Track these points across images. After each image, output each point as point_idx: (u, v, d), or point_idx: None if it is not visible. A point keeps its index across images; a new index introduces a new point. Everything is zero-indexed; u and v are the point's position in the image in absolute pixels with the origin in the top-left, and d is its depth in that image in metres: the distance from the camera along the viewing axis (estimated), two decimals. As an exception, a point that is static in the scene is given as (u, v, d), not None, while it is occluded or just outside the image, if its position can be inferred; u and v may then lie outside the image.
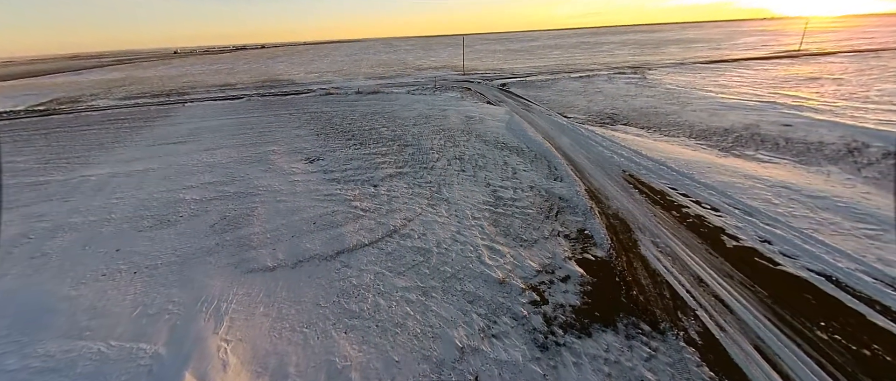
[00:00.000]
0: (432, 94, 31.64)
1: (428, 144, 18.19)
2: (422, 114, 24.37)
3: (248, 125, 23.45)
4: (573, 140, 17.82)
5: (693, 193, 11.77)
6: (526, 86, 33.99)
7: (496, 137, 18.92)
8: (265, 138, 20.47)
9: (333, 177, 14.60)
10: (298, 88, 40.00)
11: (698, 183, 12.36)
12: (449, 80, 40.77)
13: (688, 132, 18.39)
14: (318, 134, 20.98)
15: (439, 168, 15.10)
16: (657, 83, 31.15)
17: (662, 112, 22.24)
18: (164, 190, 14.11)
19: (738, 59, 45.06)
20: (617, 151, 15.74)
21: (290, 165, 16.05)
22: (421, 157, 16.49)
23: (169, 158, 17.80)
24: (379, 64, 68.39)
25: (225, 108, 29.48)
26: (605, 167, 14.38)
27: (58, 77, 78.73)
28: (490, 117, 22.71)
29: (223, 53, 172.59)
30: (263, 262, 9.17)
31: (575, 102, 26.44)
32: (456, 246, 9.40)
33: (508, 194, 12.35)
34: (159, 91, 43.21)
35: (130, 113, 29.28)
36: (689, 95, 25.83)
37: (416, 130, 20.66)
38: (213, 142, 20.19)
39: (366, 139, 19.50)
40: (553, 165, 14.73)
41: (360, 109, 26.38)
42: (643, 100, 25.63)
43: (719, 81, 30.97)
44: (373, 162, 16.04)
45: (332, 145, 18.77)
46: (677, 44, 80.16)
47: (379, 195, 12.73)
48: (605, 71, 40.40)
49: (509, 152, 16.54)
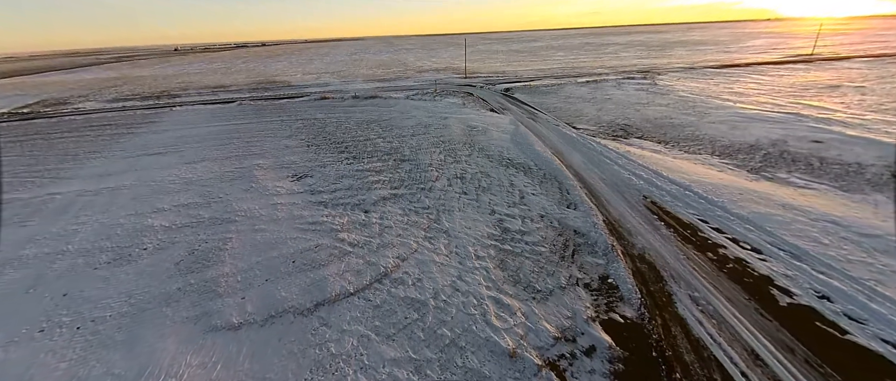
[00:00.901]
0: (432, 99, 30.18)
1: (427, 158, 16.74)
2: (421, 123, 22.91)
3: (236, 134, 22.01)
4: (585, 157, 16.36)
5: (727, 227, 10.32)
6: (531, 91, 32.49)
7: (501, 151, 17.46)
8: (252, 150, 19.04)
9: (321, 199, 13.17)
10: (294, 90, 38.54)
11: (731, 215, 10.92)
12: (450, 83, 39.28)
13: (710, 148, 16.92)
14: (308, 145, 19.53)
15: (438, 189, 13.66)
16: (669, 90, 29.64)
17: (679, 124, 20.76)
18: (133, 214, 12.69)
19: (751, 64, 43.49)
20: (634, 172, 14.29)
21: (274, 184, 14.62)
22: (419, 174, 15.05)
23: (145, 173, 16.38)
24: (378, 65, 66.89)
25: (214, 113, 28.04)
26: (623, 191, 12.92)
27: (52, 76, 77.36)
28: (494, 128, 21.25)
29: (223, 51, 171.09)
30: (228, 317, 7.75)
31: (583, 111, 24.96)
32: (457, 298, 7.97)
33: (516, 225, 10.91)
34: (150, 93, 41.78)
35: (115, 118, 27.86)
36: (706, 105, 24.33)
37: (414, 142, 19.21)
38: (195, 153, 18.75)
39: (360, 152, 18.06)
40: (565, 188, 13.28)
41: (355, 117, 24.93)
42: (656, 109, 24.15)
43: (735, 89, 29.45)
44: (365, 181, 14.59)
45: (323, 159, 17.33)
46: (684, 46, 78.50)
47: (370, 224, 11.29)
48: (612, 75, 38.88)
49: (515, 171, 15.09)
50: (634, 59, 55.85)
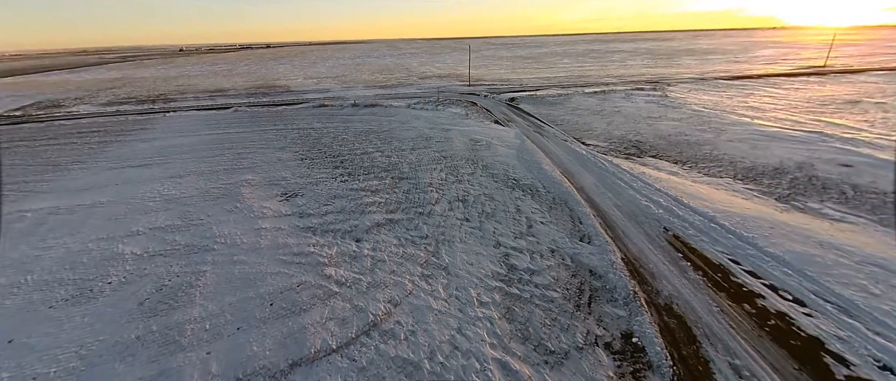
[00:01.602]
0: (434, 109, 29.14)
1: (426, 177, 15.65)
2: (422, 135, 21.85)
3: (228, 144, 21.00)
4: (597, 178, 15.22)
5: (763, 270, 9.15)
6: (536, 102, 31.42)
7: (506, 169, 16.35)
8: (242, 163, 18.00)
9: (309, 224, 12.07)
10: (293, 96, 37.63)
11: (765, 254, 9.75)
12: (453, 91, 38.28)
13: (731, 171, 15.75)
14: (302, 158, 18.49)
15: (438, 214, 12.55)
16: (681, 103, 28.51)
17: (695, 141, 19.60)
18: (104, 237, 11.63)
19: (763, 76, 42.32)
20: (652, 197, 13.13)
21: (261, 204, 13.54)
22: (417, 196, 13.95)
23: (126, 189, 15.34)
24: (381, 69, 66.10)
25: (208, 120, 27.09)
26: (641, 221, 11.77)
27: (54, 75, 77.04)
28: (498, 142, 20.15)
29: (228, 53, 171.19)
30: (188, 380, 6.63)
31: (592, 125, 23.84)
32: (456, 359, 6.83)
33: (524, 262, 9.77)
34: (147, 96, 40.98)
35: (105, 124, 26.95)
36: (721, 120, 23.17)
37: (413, 157, 18.13)
38: (181, 166, 17.73)
39: (355, 168, 16.99)
40: (577, 216, 12.14)
41: (354, 127, 23.91)
42: (669, 124, 23.00)
43: (750, 103, 28.28)
44: (360, 202, 13.50)
45: (316, 175, 16.26)
46: (691, 55, 77.39)
47: (361, 257, 10.18)
48: (620, 86, 37.78)
49: (522, 193, 13.97)
50: (642, 69, 54.74)
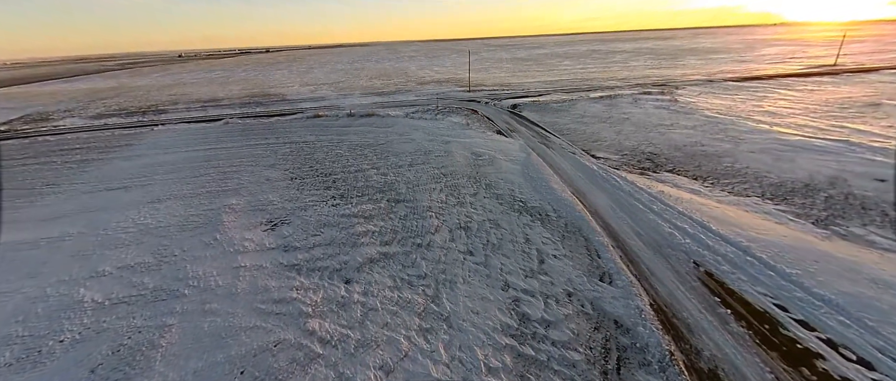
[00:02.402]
0: (434, 117, 27.90)
1: (425, 199, 14.39)
2: (420, 148, 20.61)
3: (215, 161, 19.79)
4: (612, 198, 13.93)
5: (816, 320, 7.86)
6: (540, 109, 30.14)
7: (511, 189, 15.08)
8: (227, 184, 16.78)
9: (294, 260, 10.83)
10: (287, 105, 36.45)
11: (815, 297, 8.45)
12: (453, 98, 37.05)
13: (758, 188, 14.44)
14: (292, 178, 17.26)
15: (438, 246, 11.30)
16: (692, 108, 27.19)
17: (713, 153, 18.30)
18: (66, 279, 10.40)
19: (773, 76, 40.96)
20: (675, 222, 11.84)
21: (243, 235, 12.30)
22: (415, 223, 12.69)
23: (99, 217, 14.12)
24: (379, 74, 64.94)
25: (197, 134, 25.91)
26: (666, 254, 10.48)
27: (49, 85, 76.24)
28: (502, 156, 18.89)
29: (226, 58, 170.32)
30: None
31: (601, 134, 22.55)
32: (460, 455, 5.55)
33: (538, 310, 8.49)
34: (138, 107, 39.87)
35: (90, 140, 25.79)
36: (738, 128, 21.85)
37: (411, 175, 16.88)
38: (162, 189, 16.52)
39: (349, 188, 15.75)
40: (593, 248, 10.86)
41: (349, 140, 22.68)
42: (683, 132, 21.70)
43: (765, 107, 26.95)
44: (352, 232, 12.25)
45: (306, 198, 15.03)
46: (695, 54, 76.02)
47: (350, 305, 8.92)
48: (627, 90, 36.47)
49: (531, 219, 12.69)
50: (646, 70, 53.42)
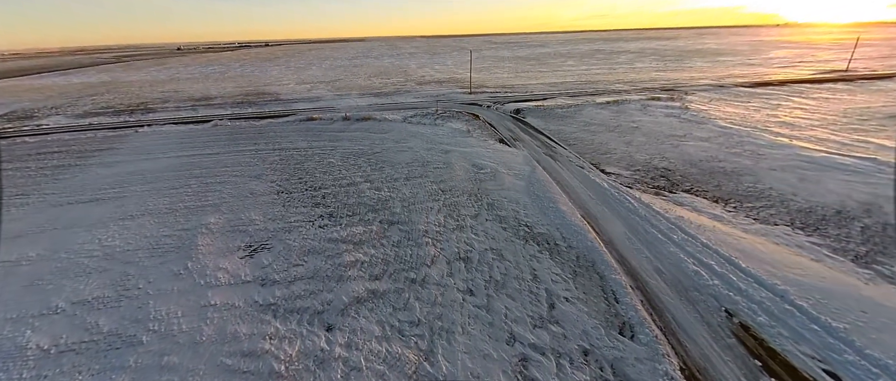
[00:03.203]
0: (433, 123, 26.57)
1: (421, 220, 13.12)
2: (418, 158, 19.31)
3: (198, 170, 18.48)
4: (627, 225, 12.68)
5: (881, 397, 6.62)
6: (544, 114, 28.79)
7: (516, 209, 13.81)
8: (208, 197, 15.48)
9: (271, 299, 9.57)
10: (281, 106, 35.04)
11: (870, 361, 7.27)
12: (453, 100, 35.66)
13: (785, 214, 13.20)
14: (279, 191, 15.97)
15: (435, 282, 10.05)
16: (704, 117, 25.87)
17: (732, 170, 17.03)
18: (13, 318, 9.13)
19: (785, 82, 39.60)
20: (700, 258, 10.60)
21: (217, 264, 11.04)
22: (410, 250, 11.44)
23: (64, 237, 12.84)
24: (378, 73, 63.40)
25: (183, 137, 24.57)
26: (694, 299, 9.24)
27: (42, 78, 74.55)
28: (505, 170, 17.61)
29: (225, 52, 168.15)
30: None
31: (610, 145, 21.26)
32: None
33: (549, 376, 7.26)
34: (127, 105, 38.42)
35: (71, 142, 24.45)
36: (755, 141, 20.56)
37: (407, 191, 15.60)
38: (137, 202, 15.22)
39: (339, 206, 14.48)
40: (610, 289, 9.61)
41: (343, 147, 21.36)
42: (697, 145, 20.41)
43: (780, 117, 25.66)
44: (339, 262, 10.99)
45: (292, 216, 13.75)
46: (701, 56, 74.48)
47: (330, 362, 7.68)
48: (634, 94, 35.09)
49: (538, 248, 11.45)
50: (653, 72, 51.98)
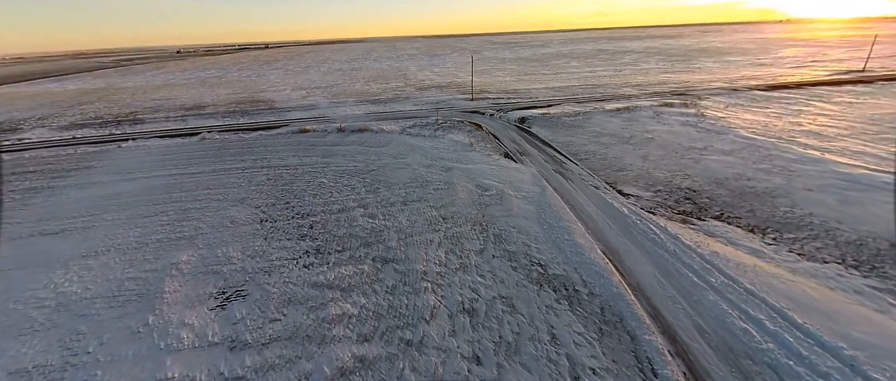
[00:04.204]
0: (433, 134, 25.01)
1: (420, 258, 11.57)
2: (417, 177, 17.76)
3: (177, 193, 17.00)
4: (656, 264, 11.08)
5: None
6: (551, 124, 27.17)
7: (527, 243, 12.24)
8: (184, 228, 13.98)
9: (240, 371, 8.03)
10: (274, 115, 33.53)
11: None
12: (455, 107, 34.07)
13: (834, 248, 11.58)
14: (262, 219, 14.46)
15: (434, 345, 8.52)
16: (723, 126, 24.20)
17: (764, 190, 15.41)
18: (-74, 398, 7.70)
19: (802, 84, 37.82)
20: (747, 310, 9.02)
21: (183, 318, 9.54)
22: (406, 299, 9.91)
23: (16, 279, 11.33)
24: (377, 76, 61.85)
25: (167, 153, 23.09)
26: (747, 371, 7.66)
27: (38, 85, 73.52)
28: (512, 191, 16.03)
29: (224, 55, 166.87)
30: None
31: (625, 160, 19.64)
32: None
33: None
34: (116, 115, 37.01)
35: (49, 160, 23.02)
36: (783, 155, 18.91)
37: (405, 219, 14.05)
38: (107, 234, 13.73)
39: (328, 238, 12.95)
40: (645, 355, 8.03)
41: (336, 164, 19.83)
42: (720, 160, 18.77)
43: (804, 125, 23.97)
44: (323, 315, 9.47)
45: (274, 252, 12.23)
46: (708, 55, 72.58)
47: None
48: (644, 100, 33.39)
49: (556, 296, 9.88)
50: (660, 74, 50.23)
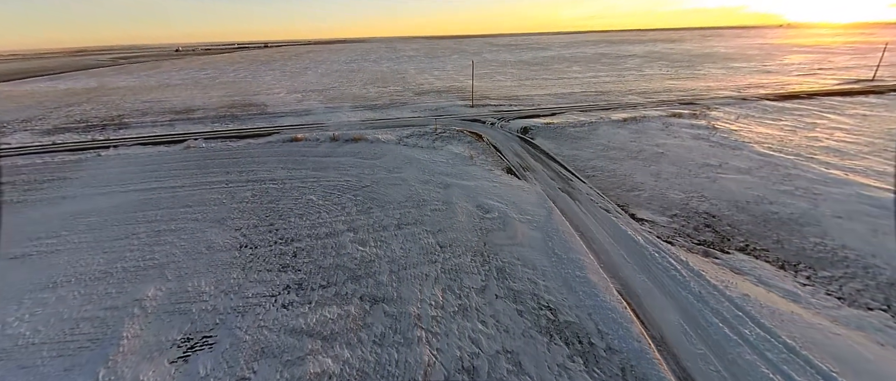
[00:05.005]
0: (431, 145, 23.74)
1: (414, 299, 10.32)
2: (413, 196, 16.50)
3: (153, 210, 15.69)
4: (680, 310, 9.84)
5: None
6: (555, 134, 25.93)
7: (533, 280, 11.00)
8: (155, 253, 12.69)
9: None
10: (265, 121, 32.19)
11: None
12: (454, 115, 32.81)
13: (876, 291, 10.37)
14: (242, 245, 13.18)
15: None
16: (737, 140, 23.00)
17: (788, 217, 14.20)
18: None
19: (812, 94, 36.71)
20: (792, 376, 7.78)
21: (138, 374, 8.26)
22: (396, 355, 8.65)
23: (-46, 318, 10.07)
24: (375, 79, 60.55)
25: (148, 163, 21.76)
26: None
27: (28, 84, 71.98)
28: (516, 214, 14.79)
29: (223, 54, 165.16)
30: None
31: (635, 177, 18.41)
32: None
33: None
34: (102, 118, 35.61)
35: (23, 169, 21.65)
36: (803, 173, 17.73)
37: (398, 246, 12.80)
38: (70, 260, 12.42)
39: (312, 269, 11.69)
40: (674, 435, 6.81)
41: (327, 179, 18.55)
42: (738, 179, 17.56)
43: (821, 140, 22.80)
44: (299, 374, 8.19)
45: (250, 287, 10.97)
46: (712, 61, 71.53)
47: None
48: (651, 109, 32.20)
49: (569, 352, 8.62)
50: (665, 81, 49.09)
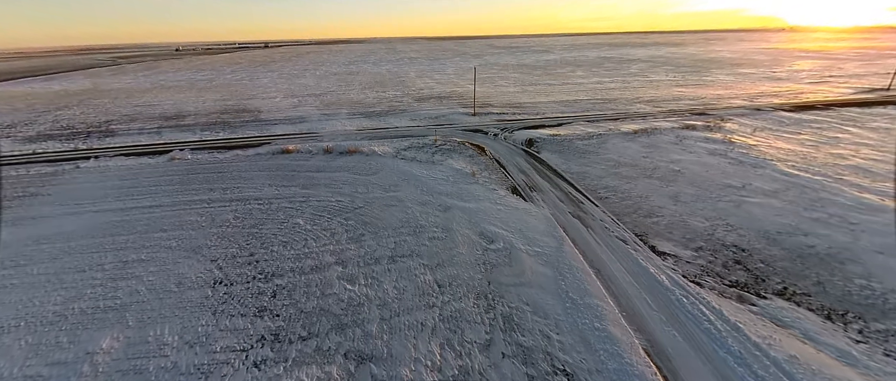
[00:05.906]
0: (430, 159, 22.30)
1: (407, 357, 8.87)
2: (410, 220, 15.07)
3: (124, 235, 14.27)
4: (721, 378, 8.38)
5: None
6: (562, 148, 24.48)
7: (546, 334, 9.56)
8: (118, 290, 11.25)
9: None
10: (257, 129, 30.73)
11: None
12: (455, 124, 31.35)
13: (949, 355, 8.90)
14: (216, 282, 11.75)
15: None
16: (757, 157, 21.54)
17: (826, 251, 12.77)
18: None
19: (829, 105, 35.26)
20: None
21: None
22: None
23: None
24: (374, 83, 59.12)
25: (126, 178, 20.32)
26: None
27: (22, 84, 70.66)
28: (523, 245, 13.35)
29: (222, 54, 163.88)
30: None
31: (652, 200, 16.96)
32: None
33: None
34: (89, 124, 34.17)
35: (-9, 181, 20.26)
36: (835, 198, 16.29)
37: (391, 286, 11.37)
38: (23, 297, 10.99)
39: (292, 315, 10.27)
40: None
41: (316, 199, 17.12)
42: (765, 205, 16.12)
43: (845, 156, 21.35)
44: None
45: (219, 339, 9.51)
46: (719, 66, 70.08)
47: None
48: (662, 120, 30.73)
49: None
50: (673, 88, 47.64)
